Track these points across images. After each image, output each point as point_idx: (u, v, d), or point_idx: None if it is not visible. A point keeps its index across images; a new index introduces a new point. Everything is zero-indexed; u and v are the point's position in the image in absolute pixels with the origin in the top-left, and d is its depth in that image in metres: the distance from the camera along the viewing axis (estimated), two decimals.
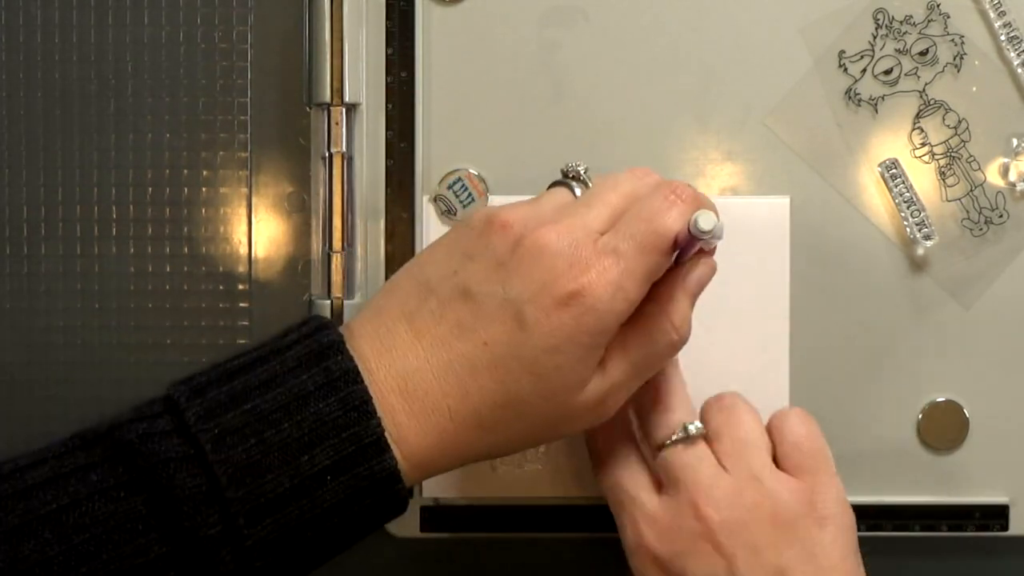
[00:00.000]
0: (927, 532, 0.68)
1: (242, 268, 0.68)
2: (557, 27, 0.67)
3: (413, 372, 0.53)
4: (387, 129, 0.67)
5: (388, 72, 0.67)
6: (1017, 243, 0.67)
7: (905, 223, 0.66)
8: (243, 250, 0.69)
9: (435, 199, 0.67)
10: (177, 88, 0.68)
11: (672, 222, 0.54)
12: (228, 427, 0.51)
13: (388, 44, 0.67)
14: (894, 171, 0.67)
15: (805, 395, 0.67)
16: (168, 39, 0.68)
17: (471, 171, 0.67)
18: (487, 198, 0.67)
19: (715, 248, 0.58)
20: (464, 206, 0.67)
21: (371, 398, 0.52)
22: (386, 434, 0.52)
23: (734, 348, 0.67)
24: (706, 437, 0.60)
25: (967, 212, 0.67)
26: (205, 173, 0.68)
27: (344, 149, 0.66)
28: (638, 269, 0.54)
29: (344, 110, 0.66)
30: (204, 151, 0.68)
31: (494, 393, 0.53)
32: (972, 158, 0.67)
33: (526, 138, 0.67)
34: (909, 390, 0.67)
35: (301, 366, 0.53)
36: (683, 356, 0.67)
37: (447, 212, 0.67)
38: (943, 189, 0.67)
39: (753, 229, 0.67)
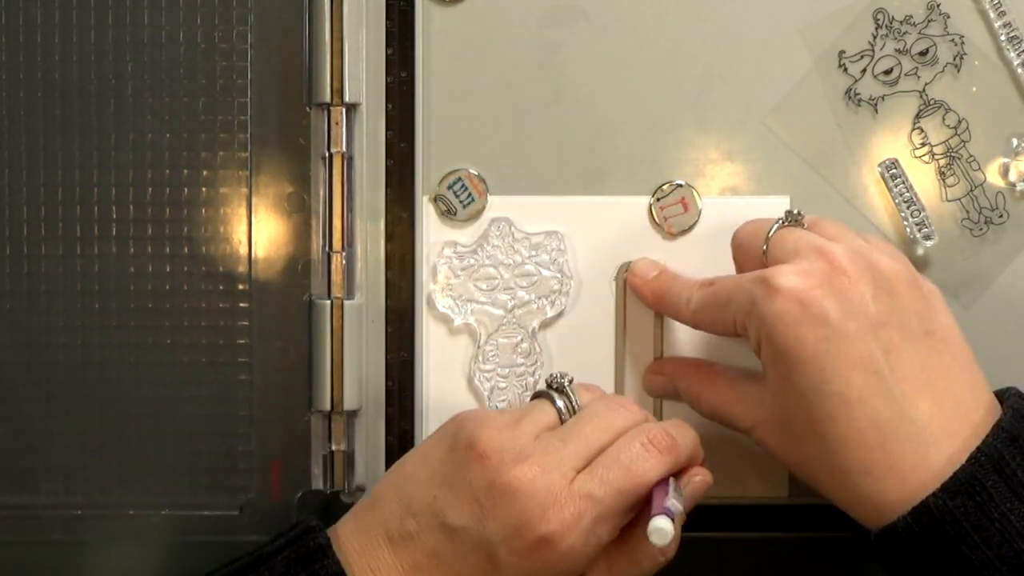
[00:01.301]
0: None
1: (242, 268, 0.68)
2: (557, 27, 0.67)
3: None
4: (387, 129, 0.67)
5: (388, 72, 0.67)
6: (1017, 243, 0.67)
7: (905, 223, 0.66)
8: (243, 250, 0.69)
9: (435, 199, 0.67)
10: (177, 88, 0.68)
11: (649, 473, 0.56)
12: None
13: (388, 44, 0.67)
14: (894, 171, 0.66)
15: None
16: (168, 39, 0.68)
17: (471, 171, 0.67)
18: (487, 198, 0.67)
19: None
20: (464, 206, 0.67)
21: None
22: None
23: (734, 348, 0.67)
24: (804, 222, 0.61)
25: (967, 212, 0.67)
26: (205, 173, 0.68)
27: (344, 149, 0.66)
28: (612, 514, 0.55)
29: (344, 110, 0.66)
30: (204, 151, 0.68)
31: None
32: (972, 158, 0.67)
33: (526, 138, 0.67)
34: None
35: (288, 571, 0.55)
36: (683, 355, 0.67)
37: (447, 212, 0.67)
38: (943, 189, 0.67)
39: None
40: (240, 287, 0.68)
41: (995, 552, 0.53)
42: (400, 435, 0.67)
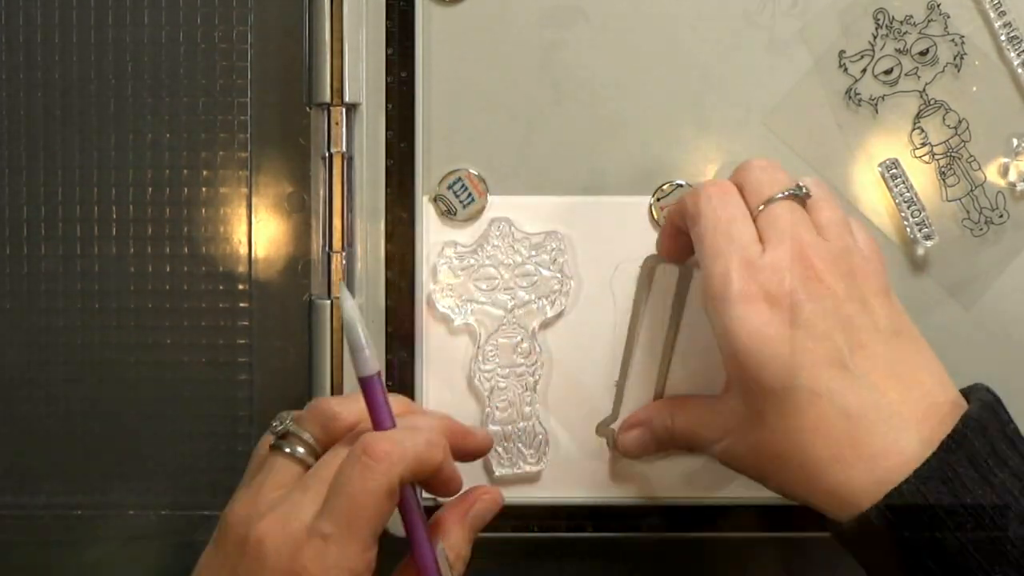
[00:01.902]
0: None
1: (242, 268, 0.69)
2: (557, 27, 0.67)
3: None
4: (387, 129, 0.67)
5: (388, 72, 0.67)
6: (1017, 243, 0.67)
7: (905, 223, 0.66)
8: (243, 250, 0.69)
9: (435, 199, 0.67)
10: (177, 88, 0.68)
11: (373, 492, 0.54)
12: None
13: (388, 44, 0.67)
14: (894, 171, 0.66)
15: None
16: (168, 39, 0.68)
17: (471, 171, 0.67)
18: (487, 198, 0.67)
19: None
20: (464, 206, 0.67)
21: None
22: None
23: None
24: (807, 201, 0.60)
25: (967, 212, 0.67)
26: (205, 173, 0.68)
27: (344, 149, 0.66)
28: (352, 542, 0.54)
29: (344, 110, 0.66)
30: (204, 151, 0.68)
31: None
32: (972, 158, 0.67)
33: (526, 138, 0.67)
34: None
35: None
36: (684, 356, 0.67)
37: (447, 212, 0.67)
38: (943, 189, 0.67)
39: None
40: (240, 287, 0.68)
41: (969, 536, 0.53)
42: None
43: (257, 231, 0.69)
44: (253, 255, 0.69)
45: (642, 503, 0.67)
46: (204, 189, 0.68)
